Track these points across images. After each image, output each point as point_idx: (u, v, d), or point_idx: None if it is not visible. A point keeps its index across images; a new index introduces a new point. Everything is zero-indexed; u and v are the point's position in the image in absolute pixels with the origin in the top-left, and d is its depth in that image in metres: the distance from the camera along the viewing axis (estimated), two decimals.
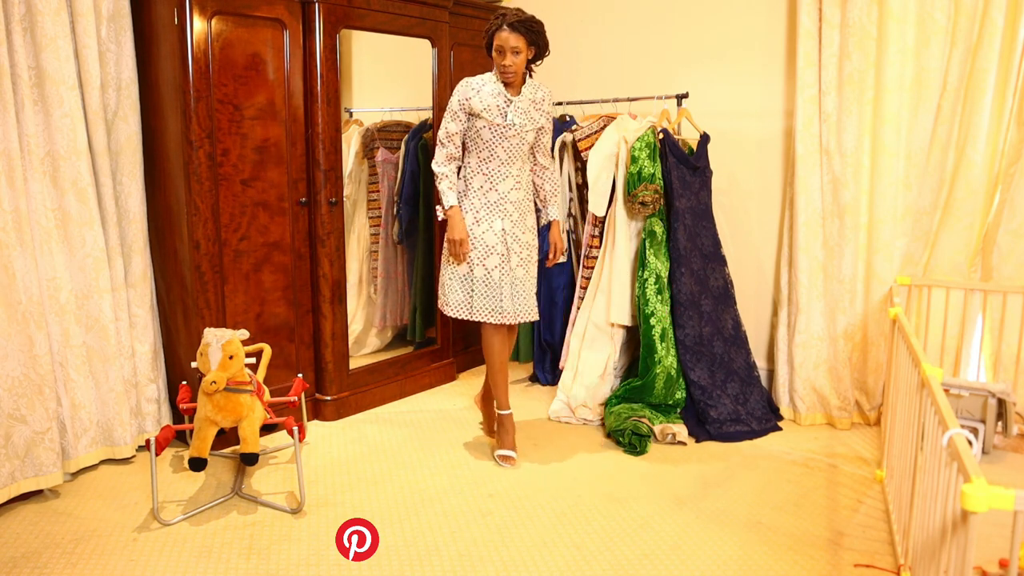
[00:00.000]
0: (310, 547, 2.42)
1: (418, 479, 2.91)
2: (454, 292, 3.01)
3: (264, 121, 3.17)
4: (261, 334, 3.25)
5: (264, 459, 3.09)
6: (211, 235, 3.05)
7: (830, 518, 2.61)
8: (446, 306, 3.04)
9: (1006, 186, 3.14)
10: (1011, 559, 1.41)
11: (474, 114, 2.90)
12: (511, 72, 2.87)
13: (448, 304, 3.03)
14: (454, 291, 3.01)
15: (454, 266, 3.00)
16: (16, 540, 2.46)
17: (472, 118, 2.91)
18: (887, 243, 3.32)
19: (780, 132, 3.67)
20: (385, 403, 3.76)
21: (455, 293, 3.01)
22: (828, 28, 3.30)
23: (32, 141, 2.71)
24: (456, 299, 3.01)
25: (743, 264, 3.82)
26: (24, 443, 2.67)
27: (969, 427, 3.00)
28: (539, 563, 2.33)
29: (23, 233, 2.68)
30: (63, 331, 2.83)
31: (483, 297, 2.98)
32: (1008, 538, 2.12)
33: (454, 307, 3.01)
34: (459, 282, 3.00)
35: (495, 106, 2.90)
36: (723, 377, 3.49)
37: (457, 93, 2.92)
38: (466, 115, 2.92)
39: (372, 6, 3.44)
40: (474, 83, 2.93)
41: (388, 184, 3.97)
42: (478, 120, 2.90)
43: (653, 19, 3.96)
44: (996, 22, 3.02)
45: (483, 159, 2.95)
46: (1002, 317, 3.18)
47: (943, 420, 1.75)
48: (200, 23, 2.90)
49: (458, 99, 2.91)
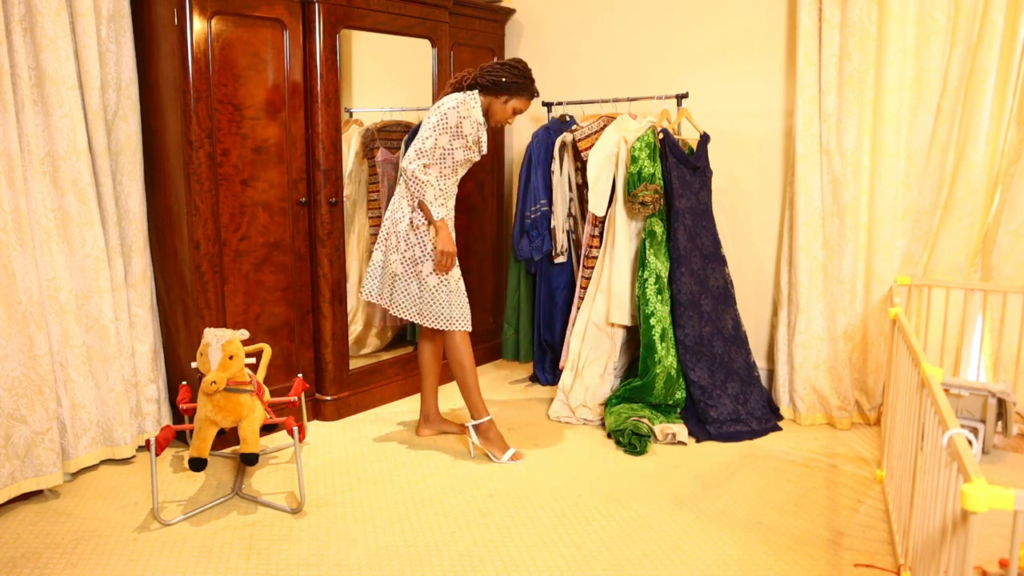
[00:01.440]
0: (310, 547, 2.42)
1: (418, 479, 2.91)
2: (463, 305, 3.02)
3: (264, 121, 3.17)
4: (261, 334, 3.25)
5: (264, 459, 3.09)
6: (211, 235, 3.05)
7: (830, 518, 2.61)
8: (463, 320, 3.00)
9: (1006, 186, 3.14)
10: (1011, 559, 1.41)
11: (463, 138, 2.92)
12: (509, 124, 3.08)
13: (466, 317, 3.02)
14: (462, 304, 3.02)
15: (448, 281, 2.97)
16: (16, 540, 2.46)
17: (453, 139, 2.92)
18: (887, 243, 3.32)
19: (780, 132, 3.67)
20: (385, 403, 3.76)
21: (465, 306, 3.03)
22: (828, 28, 3.30)
23: (32, 141, 2.71)
24: (466, 312, 3.03)
25: (743, 264, 3.82)
26: (24, 443, 2.67)
27: (969, 427, 3.00)
28: (539, 563, 2.33)
29: (23, 233, 2.68)
30: (63, 331, 2.83)
31: (461, 306, 3.02)
32: (1008, 538, 2.12)
33: (466, 319, 3.02)
34: (460, 295, 3.01)
35: (481, 138, 2.97)
36: (723, 377, 3.49)
37: (469, 118, 2.90)
38: (457, 137, 2.92)
39: (372, 6, 3.44)
40: (478, 115, 2.94)
41: (388, 184, 3.97)
42: (456, 141, 2.92)
43: (653, 19, 3.96)
44: (996, 22, 3.02)
45: (443, 175, 2.96)
46: (1002, 317, 3.18)
47: (943, 420, 1.75)
48: (200, 23, 2.90)
49: (470, 125, 2.91)
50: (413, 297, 3.00)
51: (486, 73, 2.97)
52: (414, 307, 3.00)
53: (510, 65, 2.98)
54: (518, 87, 2.97)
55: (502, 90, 2.97)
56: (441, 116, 2.89)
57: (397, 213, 2.99)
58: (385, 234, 3.04)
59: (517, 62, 3.01)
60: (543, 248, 3.90)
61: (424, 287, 2.97)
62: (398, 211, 2.99)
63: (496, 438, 3.10)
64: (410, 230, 2.95)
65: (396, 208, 3.01)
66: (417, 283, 2.98)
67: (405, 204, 2.97)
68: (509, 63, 2.99)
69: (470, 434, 3.11)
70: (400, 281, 3.00)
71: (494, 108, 3.00)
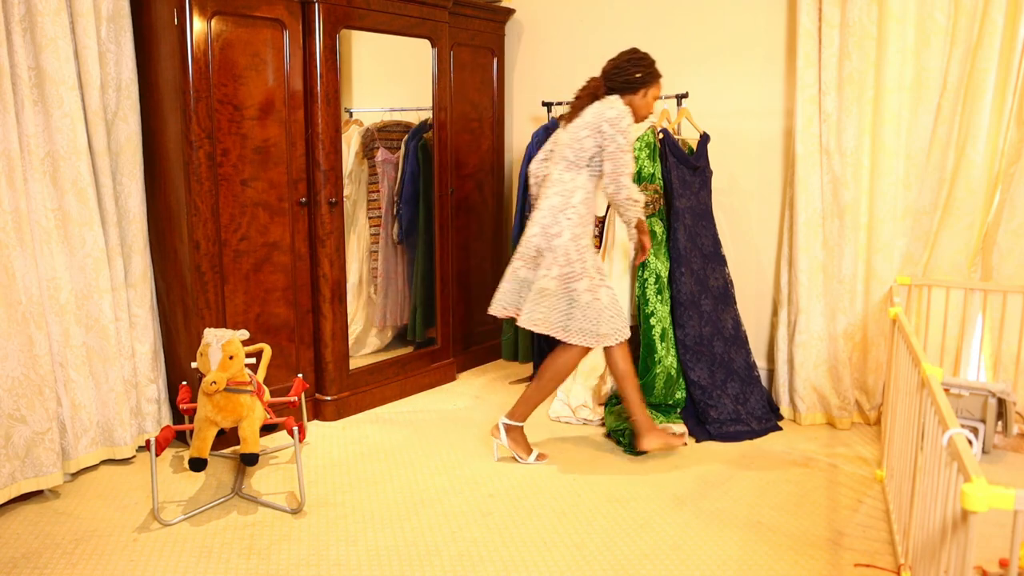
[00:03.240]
0: (310, 547, 2.42)
1: (418, 479, 2.91)
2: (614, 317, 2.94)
3: (264, 121, 3.17)
4: (261, 334, 3.25)
5: (264, 459, 3.09)
6: (211, 235, 3.05)
7: (830, 518, 2.61)
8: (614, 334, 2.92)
9: (1006, 186, 3.14)
10: (1011, 559, 1.41)
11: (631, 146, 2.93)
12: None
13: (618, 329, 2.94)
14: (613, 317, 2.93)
15: (601, 298, 2.90)
16: (16, 540, 2.46)
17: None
18: (887, 243, 3.32)
19: (780, 132, 3.67)
20: (385, 403, 3.76)
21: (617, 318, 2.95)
22: (828, 28, 3.30)
23: (32, 141, 2.71)
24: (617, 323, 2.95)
25: (743, 264, 3.82)
26: (24, 443, 2.67)
27: (969, 427, 3.00)
28: (539, 563, 2.33)
29: (23, 233, 2.68)
30: (63, 331, 2.83)
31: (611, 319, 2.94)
32: (1008, 538, 2.12)
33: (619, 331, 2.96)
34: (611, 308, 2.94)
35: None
36: (723, 377, 3.49)
37: (630, 132, 2.86)
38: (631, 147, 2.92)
39: (372, 6, 3.44)
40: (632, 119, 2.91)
41: (388, 184, 3.97)
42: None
43: (653, 19, 3.96)
44: (996, 22, 3.02)
45: (596, 190, 2.95)
46: (1002, 317, 3.18)
47: (943, 420, 1.75)
48: (200, 23, 2.90)
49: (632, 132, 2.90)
50: (560, 313, 2.90)
51: (616, 75, 2.92)
52: (559, 323, 2.90)
53: (634, 58, 2.93)
54: (651, 75, 2.94)
55: (639, 85, 2.92)
56: (619, 132, 2.82)
57: (552, 229, 2.88)
58: (533, 251, 2.93)
59: (635, 52, 2.95)
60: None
61: (576, 304, 2.88)
62: (553, 227, 2.88)
63: (522, 440, 3.08)
64: (570, 246, 2.86)
65: (550, 224, 2.89)
66: (568, 299, 2.88)
67: (563, 219, 2.87)
68: (631, 57, 2.94)
69: (500, 434, 3.06)
70: (550, 297, 2.90)
71: (636, 105, 2.94)
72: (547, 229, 2.90)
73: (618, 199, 2.87)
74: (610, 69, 2.95)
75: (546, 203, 2.93)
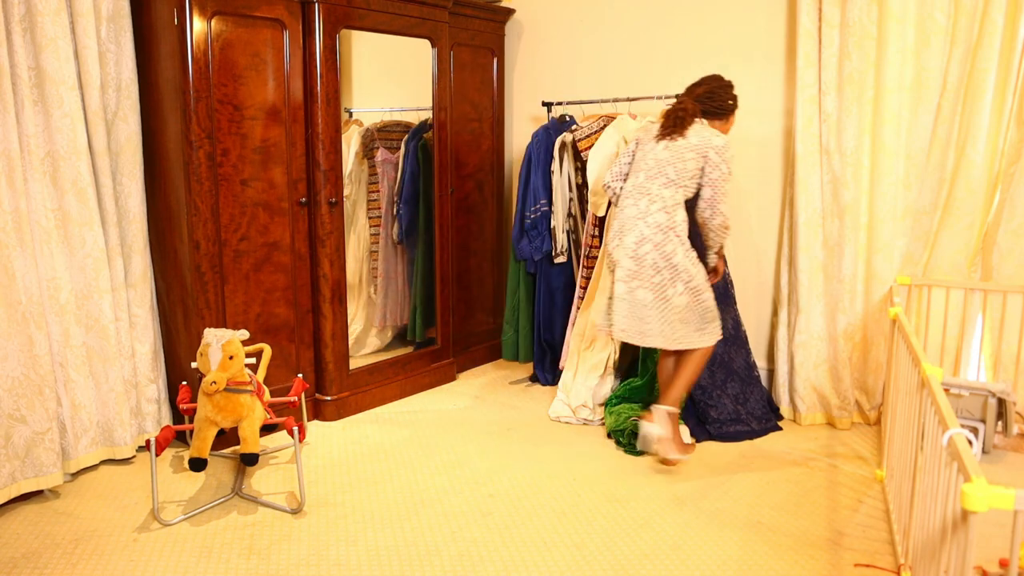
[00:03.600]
0: (310, 547, 2.42)
1: (418, 479, 2.91)
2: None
3: (264, 121, 3.17)
4: (261, 334, 3.25)
5: (264, 459, 3.09)
6: (211, 235, 3.05)
7: (830, 518, 2.61)
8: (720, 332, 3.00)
9: (1006, 186, 3.14)
10: (1011, 559, 1.41)
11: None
12: None
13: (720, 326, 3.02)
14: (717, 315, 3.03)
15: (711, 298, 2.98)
16: (16, 540, 2.46)
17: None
18: (887, 243, 3.32)
19: (780, 132, 3.67)
20: (385, 403, 3.76)
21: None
22: (828, 28, 3.30)
23: (32, 141, 2.71)
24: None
25: (743, 264, 3.82)
26: (24, 443, 2.67)
27: (969, 427, 3.00)
28: (539, 563, 2.33)
29: (23, 233, 2.68)
30: (63, 331, 2.83)
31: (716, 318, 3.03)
32: (1008, 538, 2.12)
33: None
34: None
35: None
36: (723, 377, 3.49)
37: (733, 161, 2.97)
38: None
39: (372, 6, 3.44)
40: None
41: (388, 184, 3.97)
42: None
43: (653, 19, 3.96)
44: (996, 22, 3.02)
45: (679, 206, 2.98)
46: (1002, 317, 3.18)
47: (943, 420, 1.75)
48: (200, 23, 2.90)
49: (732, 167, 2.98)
50: (693, 327, 2.94)
51: (709, 100, 2.98)
52: (696, 334, 2.94)
53: (727, 86, 3.04)
54: (736, 104, 3.06)
55: (729, 112, 3.04)
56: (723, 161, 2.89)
57: (667, 247, 2.89)
58: (651, 268, 2.91)
59: (723, 79, 3.05)
60: (543, 248, 3.90)
61: (706, 313, 2.96)
62: (666, 244, 2.89)
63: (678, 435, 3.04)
64: (687, 263, 2.90)
65: (662, 242, 2.89)
66: (699, 313, 2.94)
67: (673, 237, 2.90)
68: (724, 84, 3.03)
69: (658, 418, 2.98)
70: (683, 312, 2.92)
71: (722, 131, 3.03)
72: (661, 247, 2.91)
73: (712, 224, 2.97)
74: (703, 94, 3.00)
75: (651, 219, 2.93)
